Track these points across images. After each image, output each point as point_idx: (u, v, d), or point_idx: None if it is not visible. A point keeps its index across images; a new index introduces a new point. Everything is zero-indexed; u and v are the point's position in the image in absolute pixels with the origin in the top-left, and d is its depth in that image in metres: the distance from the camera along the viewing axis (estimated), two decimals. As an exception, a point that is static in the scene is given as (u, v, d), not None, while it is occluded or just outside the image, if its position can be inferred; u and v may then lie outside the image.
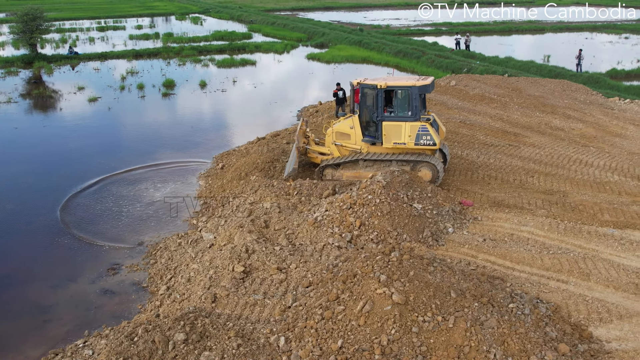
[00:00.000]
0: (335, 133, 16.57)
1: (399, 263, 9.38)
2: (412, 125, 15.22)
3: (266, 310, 10.48)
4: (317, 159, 17.30)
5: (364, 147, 16.13)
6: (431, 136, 15.12)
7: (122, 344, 9.28)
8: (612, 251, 12.50)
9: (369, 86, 15.61)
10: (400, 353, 8.23)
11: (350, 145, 16.31)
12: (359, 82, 15.93)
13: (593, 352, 9.24)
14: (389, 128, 15.47)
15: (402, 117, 15.39)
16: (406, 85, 15.17)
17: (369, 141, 15.98)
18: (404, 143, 15.41)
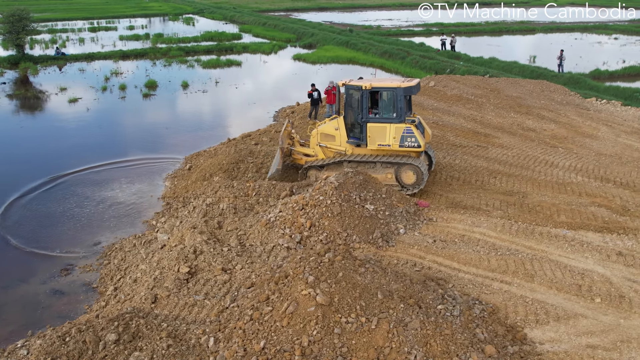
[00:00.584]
0: (320, 134, 16.43)
1: (330, 264, 9.39)
2: (396, 127, 15.10)
3: (204, 311, 10.50)
4: (301, 160, 17.20)
5: (349, 149, 16.01)
6: (416, 138, 14.99)
7: (53, 344, 9.31)
8: (562, 252, 12.51)
9: (354, 87, 15.43)
10: (321, 354, 8.24)
11: (335, 146, 16.20)
12: (344, 83, 15.73)
13: (523, 353, 9.25)
14: (373, 130, 15.36)
15: (386, 118, 15.26)
16: (391, 86, 15.04)
17: (353, 143, 15.85)
18: (389, 145, 15.29)
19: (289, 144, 17.24)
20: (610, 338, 9.69)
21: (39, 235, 14.96)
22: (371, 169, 15.57)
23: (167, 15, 77.59)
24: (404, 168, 15.42)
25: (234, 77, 36.56)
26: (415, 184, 15.37)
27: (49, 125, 25.81)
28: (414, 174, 15.35)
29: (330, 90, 22.55)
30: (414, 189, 15.42)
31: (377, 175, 15.32)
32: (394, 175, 15.54)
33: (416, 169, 15.31)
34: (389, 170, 15.52)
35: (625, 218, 14.18)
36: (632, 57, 40.48)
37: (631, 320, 10.16)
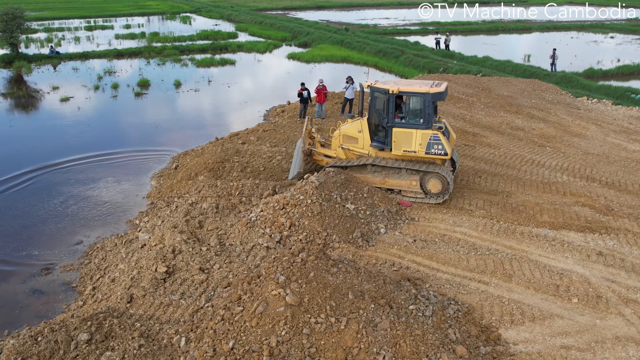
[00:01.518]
0: (342, 136, 15.86)
1: (303, 264, 9.37)
2: (423, 133, 14.45)
3: (179, 310, 10.50)
4: (322, 161, 16.73)
5: (372, 152, 15.46)
6: (443, 146, 14.38)
7: (25, 343, 9.29)
8: (542, 252, 12.50)
9: (380, 90, 14.77)
10: (289, 354, 8.22)
11: (358, 149, 15.68)
12: (370, 85, 15.08)
13: (496, 354, 9.24)
14: (399, 135, 14.70)
15: (413, 124, 14.62)
16: (419, 91, 14.37)
17: (377, 147, 15.23)
18: (414, 151, 14.65)
19: (310, 144, 16.83)
20: (585, 338, 9.68)
21: (21, 235, 14.92)
22: (395, 175, 15.12)
23: (164, 13, 77.50)
24: (430, 176, 14.80)
25: (227, 76, 36.51)
26: (441, 193, 14.81)
27: (39, 125, 25.75)
28: (440, 183, 14.75)
29: (320, 90, 22.53)
30: (438, 198, 14.87)
31: (401, 182, 15.00)
32: (419, 182, 14.94)
33: (442, 178, 14.71)
34: (413, 178, 14.92)
35: (609, 218, 14.15)
36: (627, 56, 40.41)
37: (607, 320, 10.14)
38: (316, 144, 17.00)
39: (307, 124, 16.98)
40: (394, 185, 15.17)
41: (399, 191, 15.23)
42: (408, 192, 15.11)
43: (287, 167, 17.58)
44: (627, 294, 10.81)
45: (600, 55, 40.76)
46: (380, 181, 15.24)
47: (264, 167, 17.41)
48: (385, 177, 15.20)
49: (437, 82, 15.19)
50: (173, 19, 72.53)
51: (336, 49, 43.13)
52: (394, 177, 15.14)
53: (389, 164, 14.94)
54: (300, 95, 22.68)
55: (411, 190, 15.02)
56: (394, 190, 15.26)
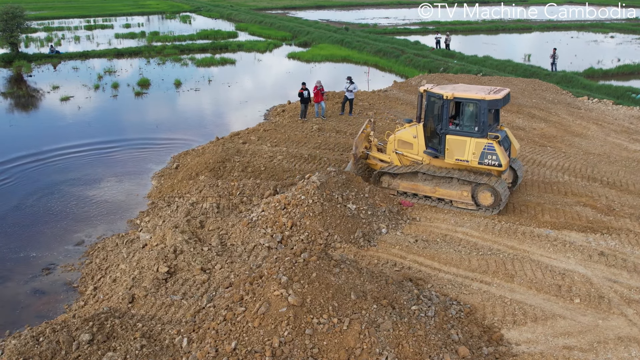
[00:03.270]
0: (397, 141, 15.44)
1: (305, 265, 9.35)
2: (477, 142, 13.80)
3: (180, 311, 10.48)
4: (377, 165, 16.25)
5: (426, 159, 15.02)
6: (497, 156, 13.60)
7: (27, 344, 9.27)
8: (544, 252, 12.48)
9: (435, 95, 14.23)
10: (292, 355, 8.20)
11: (412, 155, 15.25)
12: (426, 90, 14.55)
13: (498, 354, 9.23)
14: (452, 142, 14.14)
15: (467, 132, 13.97)
16: (475, 98, 13.68)
17: (431, 153, 14.76)
18: (467, 161, 14.02)
19: (366, 147, 16.42)
20: (587, 339, 9.67)
21: (21, 234, 14.89)
22: (446, 184, 14.59)
23: (164, 13, 77.48)
24: (481, 188, 14.16)
25: (227, 75, 36.48)
26: (492, 206, 14.14)
27: (38, 124, 25.72)
28: (492, 196, 14.05)
29: (319, 91, 22.42)
30: (489, 211, 14.25)
31: (451, 192, 14.50)
32: (470, 193, 14.32)
33: (494, 191, 13.98)
34: (465, 188, 14.32)
35: (610, 218, 14.14)
36: (627, 55, 40.40)
37: (609, 320, 10.13)
38: (373, 147, 16.53)
39: (367, 126, 16.45)
40: (445, 195, 14.62)
41: (450, 201, 14.69)
42: (459, 202, 14.55)
43: (287, 167, 17.57)
44: (629, 294, 10.80)
45: (601, 54, 40.75)
46: (430, 190, 14.77)
47: (265, 167, 17.39)
48: (436, 186, 14.66)
49: (498, 88, 14.39)
50: (173, 18, 72.54)
51: (336, 49, 43.12)
52: (445, 186, 14.56)
53: (441, 172, 14.37)
54: (300, 95, 22.62)
55: (462, 201, 14.46)
56: (444, 200, 14.78)
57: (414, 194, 15.19)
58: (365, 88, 29.34)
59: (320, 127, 21.70)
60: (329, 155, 18.84)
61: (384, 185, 15.56)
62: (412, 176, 15.07)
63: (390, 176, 15.45)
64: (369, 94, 27.02)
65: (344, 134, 21.02)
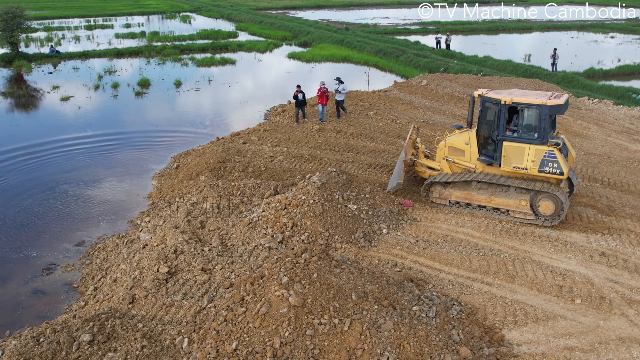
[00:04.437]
0: (447, 147, 14.86)
1: (306, 265, 9.33)
2: (537, 149, 13.22)
3: (181, 311, 10.46)
4: (424, 173, 15.66)
5: (479, 167, 14.37)
6: (559, 164, 13.07)
7: (27, 344, 9.26)
8: (545, 253, 12.46)
9: (492, 100, 13.64)
10: (293, 355, 8.19)
11: (464, 162, 14.63)
12: (481, 95, 13.98)
13: (499, 355, 9.21)
14: (510, 149, 13.54)
15: (526, 138, 13.41)
16: (535, 103, 13.11)
17: (485, 161, 14.11)
18: (526, 168, 13.42)
19: (413, 154, 15.81)
20: (588, 339, 9.65)
21: (21, 235, 14.88)
22: (502, 193, 14.02)
23: (164, 13, 77.49)
24: (541, 196, 13.53)
25: (227, 75, 36.47)
26: (553, 215, 13.53)
27: (38, 124, 25.71)
28: (553, 205, 13.41)
29: (323, 93, 22.23)
30: (550, 221, 13.61)
31: (508, 201, 13.91)
32: (529, 202, 13.72)
33: (556, 200, 13.38)
34: (523, 197, 13.71)
35: (611, 218, 14.13)
36: (627, 55, 40.40)
37: (610, 321, 10.11)
38: (420, 154, 16.02)
39: (412, 132, 16.04)
40: (501, 204, 14.06)
41: (506, 211, 14.12)
42: (516, 212, 13.95)
43: (288, 167, 17.56)
44: (631, 295, 10.79)
45: (601, 55, 40.74)
46: (485, 199, 14.22)
47: (265, 167, 17.38)
48: (491, 195, 14.12)
49: (557, 93, 13.92)
50: (173, 18, 72.53)
51: (336, 49, 43.10)
52: (501, 195, 14.02)
53: (497, 180, 13.83)
54: (295, 97, 22.27)
55: (520, 210, 13.86)
56: (500, 210, 14.21)
57: (467, 204, 14.58)
58: (366, 88, 29.33)
59: (321, 127, 21.69)
60: (330, 155, 18.83)
61: (435, 195, 14.91)
62: (466, 185, 14.46)
63: (441, 185, 14.79)
64: (370, 94, 27.00)
65: (344, 134, 21.00)
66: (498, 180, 13.80)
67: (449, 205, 14.73)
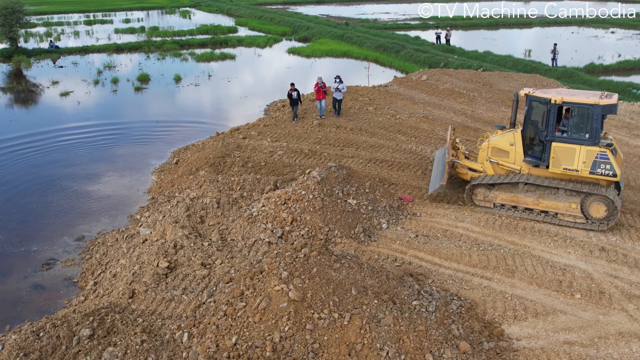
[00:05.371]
0: (491, 149, 14.42)
1: (305, 260, 9.34)
2: (588, 150, 12.83)
3: (181, 306, 10.46)
4: (466, 175, 15.22)
5: (525, 168, 13.98)
6: (611, 165, 12.73)
7: (27, 339, 9.26)
8: (544, 247, 12.47)
9: (540, 99, 13.26)
10: (292, 350, 8.20)
11: (508, 164, 14.21)
12: (527, 94, 13.61)
13: (499, 350, 9.22)
14: (559, 150, 13.14)
15: (577, 139, 13.00)
16: (587, 102, 12.71)
17: (531, 162, 13.73)
18: (577, 170, 13.03)
19: (453, 155, 15.41)
20: (588, 334, 9.67)
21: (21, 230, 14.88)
22: (551, 195, 13.65)
23: (163, 8, 77.30)
24: (593, 199, 13.16)
25: (227, 70, 36.40)
26: (605, 219, 13.15)
27: (37, 119, 25.66)
28: (605, 208, 13.06)
29: (320, 88, 22.12)
30: (601, 225, 13.23)
31: (558, 204, 13.53)
32: (579, 205, 13.32)
33: (609, 202, 13.01)
34: (573, 200, 13.33)
35: (611, 213, 14.09)
36: (627, 51, 40.31)
37: (610, 316, 10.13)
38: (460, 155, 15.68)
39: (451, 133, 15.86)
40: (550, 207, 13.66)
41: (555, 214, 13.71)
42: (566, 215, 13.55)
43: (288, 162, 17.54)
44: (630, 290, 10.80)
45: (601, 50, 40.65)
46: (533, 202, 13.81)
47: (265, 162, 17.37)
48: (539, 198, 13.72)
49: (607, 93, 13.54)
50: (172, 13, 72.35)
51: (336, 44, 43.00)
52: (549, 197, 13.65)
53: (546, 182, 13.48)
54: (290, 95, 21.93)
55: (570, 213, 13.47)
56: (548, 213, 13.79)
57: (513, 207, 14.15)
58: (366, 83, 29.27)
59: (321, 122, 21.66)
60: (330, 150, 18.81)
61: (478, 197, 14.53)
62: (512, 187, 14.06)
63: (486, 187, 14.42)
64: (369, 89, 26.95)
65: (344, 129, 20.97)
66: (547, 182, 13.41)
67: (493, 208, 14.34)
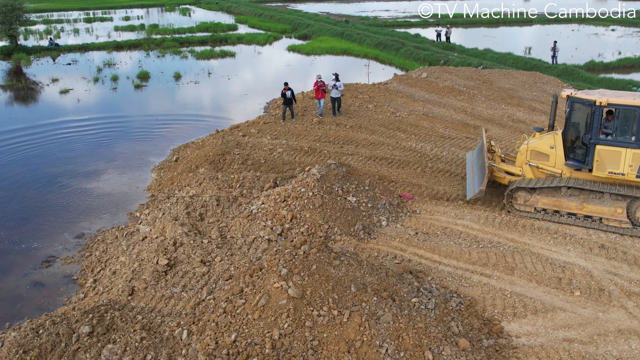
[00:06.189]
0: (530, 151, 14.08)
1: (305, 257, 9.32)
2: (634, 153, 12.52)
3: (180, 303, 10.47)
4: (503, 179, 14.74)
5: (566, 172, 13.63)
6: None
7: (27, 336, 9.27)
8: (544, 245, 12.46)
9: (583, 101, 12.91)
10: (291, 347, 8.20)
11: (548, 167, 13.89)
12: (569, 96, 13.29)
13: (498, 347, 9.21)
14: (604, 154, 12.78)
15: (623, 142, 12.66)
16: (634, 104, 12.37)
17: (573, 166, 13.38)
18: (622, 174, 12.71)
19: (489, 158, 14.99)
20: (587, 331, 9.65)
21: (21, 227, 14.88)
22: (596, 200, 13.25)
23: (163, 5, 77.21)
24: (638, 203, 12.83)
25: (227, 68, 36.38)
26: None
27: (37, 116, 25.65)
28: None
29: (320, 87, 22.06)
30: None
31: (603, 208, 13.17)
32: (625, 210, 12.96)
33: None
34: (619, 204, 12.98)
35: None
36: (628, 48, 40.29)
37: (609, 313, 10.12)
38: (496, 158, 15.27)
39: (486, 135, 15.56)
40: (594, 212, 13.27)
41: (599, 219, 13.32)
42: (611, 220, 13.18)
43: (287, 160, 17.53)
44: (630, 287, 10.79)
45: (601, 47, 40.62)
46: (576, 206, 13.41)
47: (264, 160, 17.36)
48: (583, 202, 13.33)
49: None
50: (172, 11, 72.31)
51: (336, 41, 42.98)
52: (594, 202, 13.26)
53: (591, 186, 13.09)
54: (283, 95, 21.68)
55: (615, 218, 13.10)
56: (592, 218, 13.40)
57: (555, 212, 13.75)
58: (366, 80, 29.24)
59: (320, 120, 21.64)
60: (329, 148, 18.80)
61: (519, 202, 14.03)
62: (554, 191, 13.65)
63: (527, 192, 13.96)
64: (369, 86, 26.94)
65: (344, 126, 20.96)
66: (592, 186, 13.08)
67: (534, 213, 13.91)
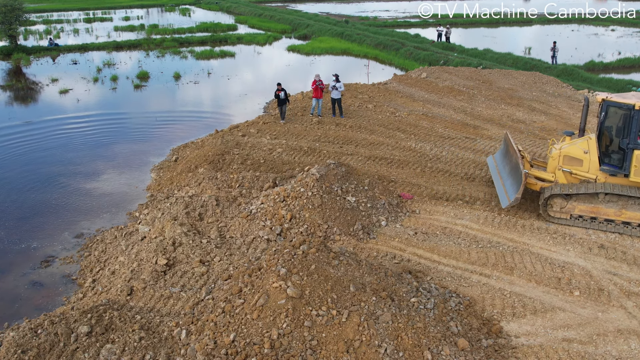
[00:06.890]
0: (563, 157, 13.73)
1: (304, 257, 9.31)
2: None
3: (179, 303, 10.46)
4: (535, 185, 14.25)
5: (601, 177, 13.24)
6: None
7: (25, 335, 9.25)
8: (543, 245, 12.45)
9: (620, 105, 12.66)
10: (290, 347, 8.18)
11: (582, 173, 13.47)
12: (604, 99, 13.00)
13: (498, 347, 9.20)
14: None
15: None
16: None
17: (608, 171, 13.05)
18: None
19: None
20: (586, 331, 9.65)
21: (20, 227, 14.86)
22: (635, 206, 12.98)
23: (163, 5, 77.18)
24: None
25: (227, 68, 36.37)
26: None
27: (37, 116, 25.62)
28: None
29: (318, 86, 21.99)
30: None
31: (637, 214, 12.96)
32: None
33: None
34: None
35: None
36: (627, 48, 40.29)
37: (609, 313, 10.11)
38: (525, 164, 14.76)
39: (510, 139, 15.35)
40: (633, 218, 13.00)
41: (638, 225, 13.07)
42: None
43: (287, 160, 17.52)
44: (629, 287, 10.78)
45: (601, 47, 40.62)
46: (615, 212, 13.11)
47: (264, 160, 17.34)
48: (622, 208, 13.05)
49: None
50: (172, 11, 72.27)
51: (336, 42, 42.97)
52: (633, 208, 12.98)
53: (630, 192, 12.75)
54: (277, 96, 21.41)
55: None
56: (631, 224, 13.11)
57: (592, 218, 13.43)
58: (365, 80, 29.24)
59: (320, 119, 21.63)
60: (329, 147, 18.79)
61: (554, 209, 13.64)
62: (591, 198, 13.32)
63: (562, 198, 13.61)
64: (369, 86, 26.93)
65: (343, 126, 20.95)
66: (632, 192, 12.78)
67: (570, 220, 13.58)
